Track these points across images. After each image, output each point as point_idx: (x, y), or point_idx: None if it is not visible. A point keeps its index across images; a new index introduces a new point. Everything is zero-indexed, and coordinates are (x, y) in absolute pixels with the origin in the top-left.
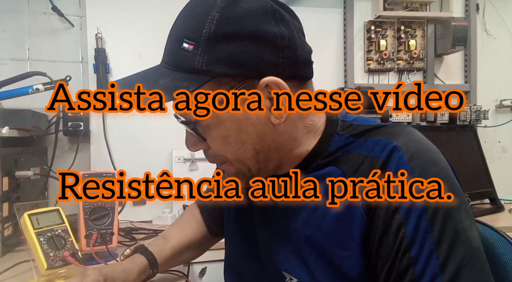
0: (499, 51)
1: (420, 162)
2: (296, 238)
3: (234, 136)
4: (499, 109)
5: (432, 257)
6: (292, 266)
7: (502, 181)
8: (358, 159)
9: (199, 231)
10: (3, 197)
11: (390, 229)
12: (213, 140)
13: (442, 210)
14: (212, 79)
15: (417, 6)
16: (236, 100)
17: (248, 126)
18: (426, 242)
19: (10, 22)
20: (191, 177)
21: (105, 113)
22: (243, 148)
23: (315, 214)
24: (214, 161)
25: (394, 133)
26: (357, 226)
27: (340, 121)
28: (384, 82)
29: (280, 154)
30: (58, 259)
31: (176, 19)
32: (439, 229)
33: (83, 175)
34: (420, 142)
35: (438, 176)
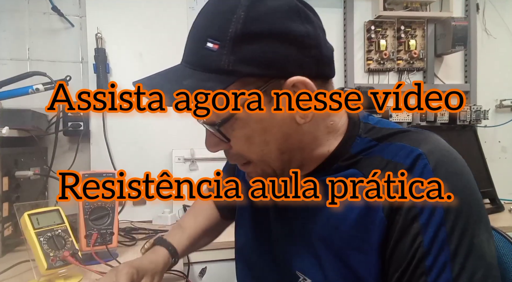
0: (499, 51)
1: (445, 172)
2: (312, 239)
3: (259, 136)
4: (499, 109)
5: (446, 269)
6: (307, 267)
7: (502, 181)
8: (380, 163)
9: (212, 217)
10: (3, 197)
11: (407, 235)
12: (237, 141)
13: (461, 222)
14: (238, 80)
15: (417, 6)
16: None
17: (273, 126)
18: (442, 254)
19: (10, 22)
20: (191, 177)
21: (105, 113)
22: (267, 149)
23: (334, 216)
24: (236, 161)
25: (420, 140)
26: (376, 230)
27: (362, 123)
28: (384, 82)
29: (303, 154)
30: (58, 259)
31: (196, 18)
32: (456, 242)
33: (83, 175)
34: (446, 151)
35: (462, 188)
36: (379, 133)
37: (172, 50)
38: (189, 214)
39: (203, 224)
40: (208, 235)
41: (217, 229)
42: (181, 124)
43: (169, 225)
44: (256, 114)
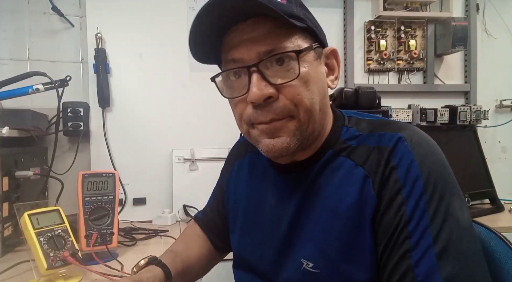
0: (499, 51)
1: (422, 151)
2: (313, 224)
3: (313, 84)
4: (499, 109)
5: (427, 232)
6: (309, 252)
7: (502, 181)
8: (367, 151)
9: (204, 245)
10: (3, 197)
11: (392, 207)
12: (298, 80)
13: (438, 192)
14: (305, 28)
15: (417, 6)
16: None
17: (319, 80)
18: (422, 219)
19: (10, 22)
20: (191, 177)
21: (105, 113)
22: (315, 99)
23: (332, 202)
24: (278, 114)
25: (399, 128)
26: (369, 207)
27: (345, 116)
28: (384, 82)
29: (323, 121)
30: (58, 259)
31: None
32: (434, 208)
33: (83, 175)
34: (422, 135)
35: (437, 164)
36: (362, 124)
37: (172, 50)
38: (180, 241)
39: (196, 250)
40: (201, 263)
41: (210, 258)
42: (181, 124)
43: (169, 225)
44: (314, 63)
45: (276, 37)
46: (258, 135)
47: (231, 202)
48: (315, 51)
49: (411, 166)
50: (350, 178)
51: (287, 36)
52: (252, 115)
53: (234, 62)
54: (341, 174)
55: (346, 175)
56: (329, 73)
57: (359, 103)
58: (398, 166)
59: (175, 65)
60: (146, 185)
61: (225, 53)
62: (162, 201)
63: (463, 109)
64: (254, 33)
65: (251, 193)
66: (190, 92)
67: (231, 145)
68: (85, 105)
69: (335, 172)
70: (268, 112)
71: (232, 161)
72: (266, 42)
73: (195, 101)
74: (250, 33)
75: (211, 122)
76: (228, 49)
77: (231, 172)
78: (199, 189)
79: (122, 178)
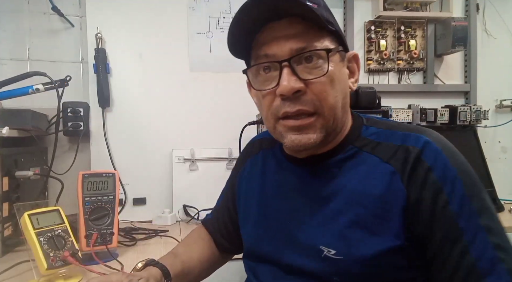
0: (499, 51)
1: (450, 152)
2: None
3: (337, 83)
4: (499, 109)
5: (479, 226)
6: (331, 240)
7: (502, 181)
8: (391, 148)
9: (206, 247)
10: (3, 197)
11: (437, 206)
12: (326, 78)
13: (475, 189)
14: (334, 31)
15: (417, 6)
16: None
17: (343, 80)
18: (472, 215)
19: (10, 22)
20: (191, 177)
21: (105, 113)
22: (338, 97)
23: (356, 194)
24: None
25: (421, 130)
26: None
27: (363, 118)
28: (384, 82)
29: (344, 119)
30: (58, 259)
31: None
32: (476, 204)
33: (83, 175)
34: (442, 138)
35: (465, 164)
36: (382, 125)
37: (172, 50)
38: (182, 243)
39: (197, 252)
40: (203, 265)
41: (212, 260)
42: (181, 124)
43: (169, 225)
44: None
45: (308, 37)
46: (285, 131)
47: (242, 197)
48: (340, 54)
49: (447, 167)
50: (375, 172)
51: (318, 36)
52: (279, 106)
53: (267, 57)
54: (366, 168)
55: (371, 169)
56: (350, 76)
57: (359, 103)
58: (434, 168)
59: (175, 65)
60: (146, 185)
61: (257, 48)
62: (162, 201)
63: (463, 109)
64: (288, 31)
65: (265, 186)
66: (190, 92)
67: (231, 145)
68: (85, 105)
69: (359, 166)
70: (295, 104)
71: (245, 159)
72: (299, 40)
73: (195, 101)
74: (284, 31)
75: (211, 122)
76: (260, 45)
77: (244, 170)
78: (199, 189)
79: (122, 178)
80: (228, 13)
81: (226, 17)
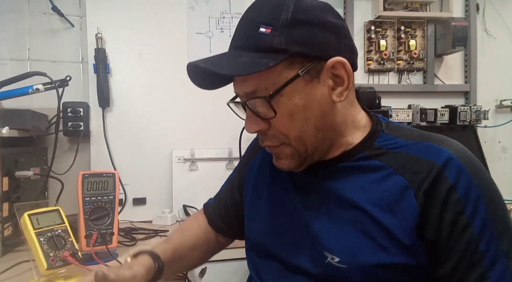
0: (499, 51)
1: (474, 169)
2: (341, 220)
3: (301, 112)
4: (499, 109)
5: (499, 250)
6: (335, 246)
7: (502, 181)
8: (408, 158)
9: (202, 234)
10: (3, 197)
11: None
12: (281, 117)
13: (499, 211)
14: (288, 58)
15: (417, 6)
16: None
17: (313, 103)
18: (492, 239)
19: (10, 22)
20: (191, 177)
21: (105, 113)
22: (306, 125)
23: (362, 200)
24: (272, 141)
25: (441, 140)
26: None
27: (383, 122)
28: (384, 82)
29: (333, 135)
30: (58, 259)
31: (247, 11)
32: (499, 228)
33: (83, 175)
34: (468, 152)
35: (490, 182)
36: (402, 132)
37: (172, 50)
38: (177, 230)
39: (190, 237)
40: (196, 250)
41: (207, 248)
42: (181, 124)
43: (169, 225)
44: (300, 90)
45: (259, 77)
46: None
47: (250, 190)
48: (306, 75)
49: (471, 186)
50: (385, 182)
51: (270, 72)
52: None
53: (236, 93)
54: (375, 177)
55: (381, 179)
56: (338, 85)
57: (359, 103)
58: (457, 186)
59: (175, 65)
60: (146, 185)
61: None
62: (162, 201)
63: (463, 109)
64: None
65: (275, 183)
66: (190, 92)
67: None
68: (85, 105)
69: (368, 174)
70: (263, 140)
71: (258, 150)
72: (250, 83)
73: (195, 101)
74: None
75: (211, 122)
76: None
77: (254, 161)
78: (199, 189)
79: (122, 178)
80: (228, 13)
81: (226, 17)
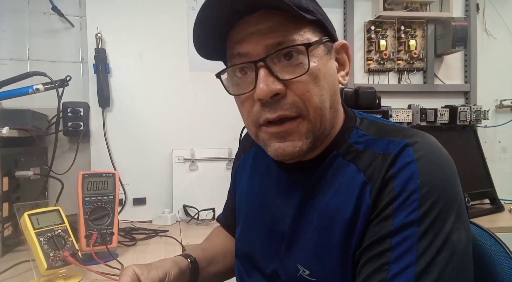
0: (499, 51)
1: (428, 162)
2: (312, 230)
3: (322, 79)
4: (499, 109)
5: (412, 248)
6: (306, 259)
7: (502, 181)
8: (373, 156)
9: (228, 240)
10: (3, 197)
11: (380, 216)
12: (308, 76)
13: (434, 211)
14: (313, 20)
15: (417, 6)
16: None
17: (330, 75)
18: (410, 235)
19: (10, 22)
20: (191, 177)
21: (105, 113)
22: (325, 96)
23: (331, 207)
24: (288, 110)
25: (410, 135)
26: (362, 217)
27: (358, 118)
28: (384, 82)
29: (333, 120)
30: (58, 259)
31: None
32: (425, 227)
33: (83, 175)
34: (433, 144)
35: (441, 179)
36: (374, 128)
37: (172, 50)
38: (204, 240)
39: (219, 244)
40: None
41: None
42: (181, 124)
43: (169, 225)
44: (324, 58)
45: (284, 30)
46: (268, 139)
47: (239, 194)
48: (325, 45)
49: (411, 178)
50: (350, 184)
51: (296, 29)
52: (259, 111)
53: (240, 56)
54: (343, 179)
55: (348, 180)
56: (340, 69)
57: (359, 103)
58: (397, 176)
59: (175, 65)
60: (146, 185)
61: (231, 47)
62: (162, 201)
63: (463, 109)
64: (262, 25)
65: (253, 187)
66: (190, 92)
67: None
68: (85, 105)
69: (337, 176)
70: (276, 109)
71: (239, 154)
72: (275, 35)
73: (195, 101)
74: (257, 25)
75: (211, 122)
76: (233, 43)
77: (238, 165)
78: (199, 189)
79: (122, 178)
80: None
81: None
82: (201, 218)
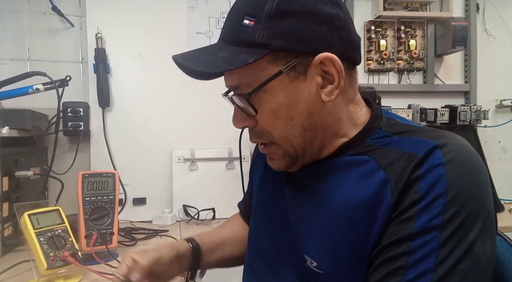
0: (499, 51)
1: (457, 166)
2: (323, 223)
3: (285, 111)
4: (499, 109)
5: (431, 254)
6: (315, 250)
7: (502, 181)
8: (397, 154)
9: (242, 227)
10: (3, 197)
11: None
12: (263, 114)
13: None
14: (270, 53)
15: (417, 6)
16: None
17: (299, 102)
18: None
19: (10, 22)
20: (191, 177)
21: (105, 113)
22: (291, 124)
23: (343, 201)
24: (259, 139)
25: (440, 136)
26: (382, 215)
27: (385, 118)
28: (384, 82)
29: (324, 135)
30: (58, 259)
31: (235, 1)
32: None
33: (83, 175)
34: (464, 147)
35: (471, 185)
36: (400, 128)
37: (172, 50)
38: (218, 226)
39: (229, 230)
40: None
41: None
42: (181, 124)
43: (169, 225)
44: (284, 88)
45: (241, 72)
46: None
47: (255, 183)
48: (291, 72)
49: (438, 181)
50: (367, 179)
51: (253, 67)
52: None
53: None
54: (358, 173)
55: (364, 176)
56: (325, 84)
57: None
58: (423, 178)
59: (175, 65)
60: (146, 185)
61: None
62: (162, 201)
63: (463, 109)
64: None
65: (267, 177)
66: (190, 92)
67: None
68: (85, 105)
69: (353, 170)
70: (252, 136)
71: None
72: (233, 78)
73: (195, 101)
74: None
75: (211, 122)
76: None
77: (257, 154)
78: (199, 189)
79: (122, 178)
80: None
81: None
82: (201, 218)
